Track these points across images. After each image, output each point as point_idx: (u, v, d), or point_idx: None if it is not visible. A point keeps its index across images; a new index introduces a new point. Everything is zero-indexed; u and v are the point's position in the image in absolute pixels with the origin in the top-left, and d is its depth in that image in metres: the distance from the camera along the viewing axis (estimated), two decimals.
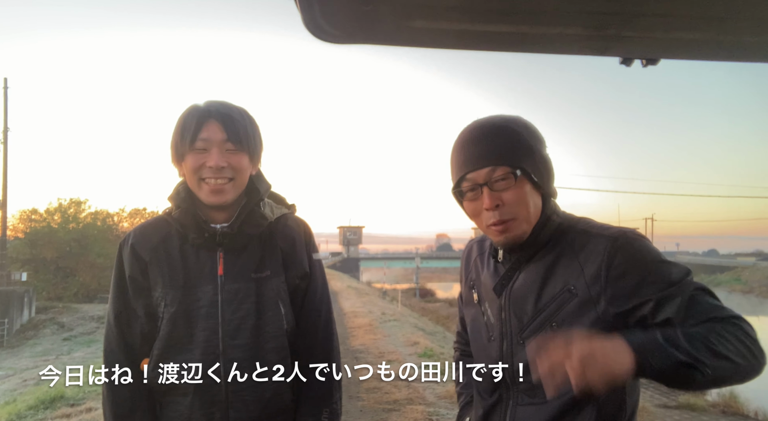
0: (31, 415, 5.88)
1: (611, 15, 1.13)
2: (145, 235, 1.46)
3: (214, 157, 1.37)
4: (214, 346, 1.37)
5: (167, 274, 1.40)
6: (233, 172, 1.40)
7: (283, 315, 1.44)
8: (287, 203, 1.58)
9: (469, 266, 1.40)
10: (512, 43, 1.30)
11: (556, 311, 1.14)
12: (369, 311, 15.83)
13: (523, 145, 1.15)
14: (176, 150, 1.42)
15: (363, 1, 1.06)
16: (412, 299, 33.37)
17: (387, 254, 79.52)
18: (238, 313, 1.39)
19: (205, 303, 1.39)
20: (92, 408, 5.60)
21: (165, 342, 1.38)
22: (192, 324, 1.38)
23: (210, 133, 1.38)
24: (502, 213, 1.15)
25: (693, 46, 1.31)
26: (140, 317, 1.42)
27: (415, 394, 5.84)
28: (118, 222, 30.53)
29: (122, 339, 1.42)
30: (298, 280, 1.49)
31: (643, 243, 1.11)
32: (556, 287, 1.15)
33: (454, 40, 1.30)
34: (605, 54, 1.28)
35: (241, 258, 1.43)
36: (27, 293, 20.42)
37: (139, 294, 1.42)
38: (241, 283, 1.41)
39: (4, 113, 23.53)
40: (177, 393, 1.38)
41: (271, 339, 1.41)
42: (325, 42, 1.15)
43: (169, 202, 1.46)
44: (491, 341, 1.25)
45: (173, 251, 1.42)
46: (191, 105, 1.43)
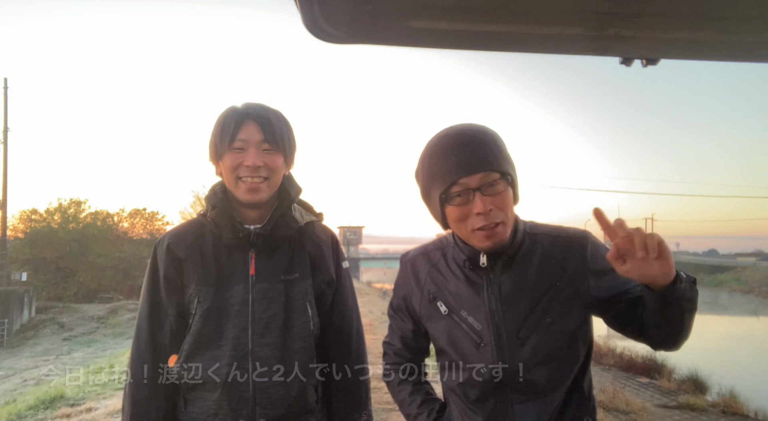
0: (31, 415, 5.87)
1: (611, 15, 1.14)
2: (180, 235, 1.50)
3: (251, 156, 1.42)
4: (243, 343, 1.41)
5: (201, 271, 1.44)
6: (269, 172, 1.45)
7: (310, 317, 1.48)
8: (315, 211, 1.63)
9: (420, 281, 1.37)
10: (512, 43, 1.30)
11: (548, 307, 1.23)
12: (369, 311, 15.84)
13: (504, 152, 1.21)
14: (215, 149, 1.47)
15: (363, 1, 1.06)
16: None
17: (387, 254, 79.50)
18: (268, 312, 1.43)
19: (237, 301, 1.43)
20: (92, 408, 5.59)
21: (196, 338, 1.41)
22: (223, 321, 1.42)
23: (248, 134, 1.43)
24: (492, 217, 1.18)
25: (693, 46, 1.31)
26: (170, 315, 1.46)
27: None
28: (118, 222, 30.56)
29: (152, 338, 1.45)
30: (324, 285, 1.54)
31: (599, 240, 1.29)
32: (543, 286, 1.24)
33: (453, 40, 1.30)
34: (605, 54, 1.28)
35: (271, 259, 1.47)
36: (27, 293, 20.44)
37: (172, 292, 1.46)
38: (271, 283, 1.45)
39: (4, 113, 23.56)
40: (205, 389, 1.40)
41: (298, 339, 1.45)
42: (325, 42, 1.15)
43: (206, 202, 1.51)
44: (482, 347, 1.25)
45: (207, 250, 1.47)
46: (230, 106, 1.48)
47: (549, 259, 1.26)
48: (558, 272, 1.25)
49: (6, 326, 18.31)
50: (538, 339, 1.22)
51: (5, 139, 23.26)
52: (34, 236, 26.60)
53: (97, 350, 16.16)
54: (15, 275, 23.60)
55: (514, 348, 1.22)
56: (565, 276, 1.24)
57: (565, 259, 1.25)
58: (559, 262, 1.25)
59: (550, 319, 1.22)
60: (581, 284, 1.24)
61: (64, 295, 25.06)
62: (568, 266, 1.25)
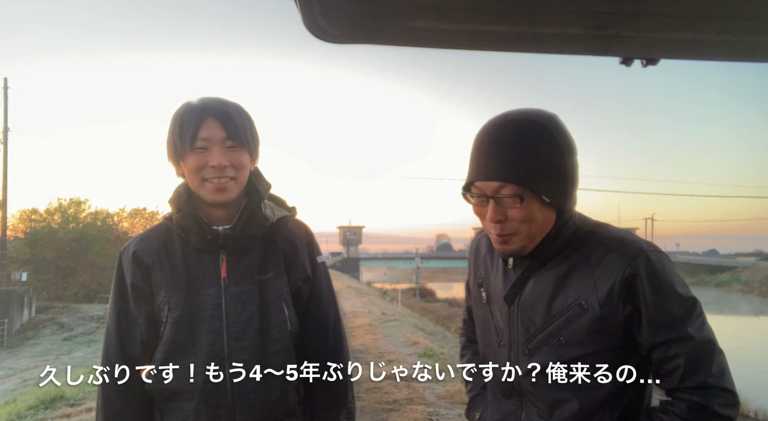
0: (31, 415, 5.88)
1: (611, 15, 1.13)
2: (145, 241, 1.45)
3: (216, 156, 1.36)
4: (219, 349, 1.36)
5: (170, 277, 1.39)
6: (235, 171, 1.39)
7: (287, 317, 1.43)
8: (287, 206, 1.57)
9: (478, 261, 1.36)
10: (512, 43, 1.30)
11: (565, 324, 1.11)
12: (369, 311, 15.83)
13: (539, 160, 1.08)
14: (175, 150, 1.40)
15: (363, 1, 1.06)
16: (412, 299, 33.36)
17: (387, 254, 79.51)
18: (243, 315, 1.39)
19: (209, 306, 1.38)
20: (92, 408, 5.59)
21: (168, 346, 1.37)
22: (196, 327, 1.37)
23: (210, 132, 1.36)
24: (504, 228, 1.12)
25: (693, 46, 1.31)
26: (140, 324, 1.40)
27: (415, 394, 5.84)
28: (118, 222, 30.54)
29: (121, 348, 1.41)
30: (300, 283, 1.48)
31: (661, 268, 1.06)
32: (567, 300, 1.11)
33: (454, 39, 1.30)
34: (605, 54, 1.28)
35: (243, 260, 1.42)
36: (27, 293, 20.42)
37: (140, 301, 1.41)
38: (244, 285, 1.40)
39: (4, 113, 23.56)
40: (181, 398, 1.36)
41: (275, 341, 1.40)
42: (325, 42, 1.15)
43: (170, 205, 1.44)
44: (501, 347, 1.23)
45: (175, 255, 1.41)
46: (185, 103, 1.41)
47: (585, 272, 1.10)
48: (588, 289, 1.09)
49: (6, 326, 18.29)
50: (544, 358, 1.13)
51: (5, 139, 23.28)
52: (34, 236, 26.58)
53: (97, 350, 16.12)
54: (15, 275, 23.56)
55: (521, 358, 1.18)
56: (594, 296, 1.08)
57: (600, 276, 1.08)
58: (594, 279, 1.09)
59: (564, 338, 1.11)
60: (608, 311, 1.07)
61: (64, 295, 25.04)
62: (600, 285, 1.07)
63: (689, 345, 1.04)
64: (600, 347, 1.10)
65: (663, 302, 1.06)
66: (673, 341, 1.05)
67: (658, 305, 1.06)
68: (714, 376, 1.04)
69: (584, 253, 1.12)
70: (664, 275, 1.06)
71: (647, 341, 1.07)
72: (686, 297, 1.07)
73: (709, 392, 1.03)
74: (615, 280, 1.06)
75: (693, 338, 1.05)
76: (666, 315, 1.06)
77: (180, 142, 1.38)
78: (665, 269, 1.07)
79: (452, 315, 23.32)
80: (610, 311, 1.07)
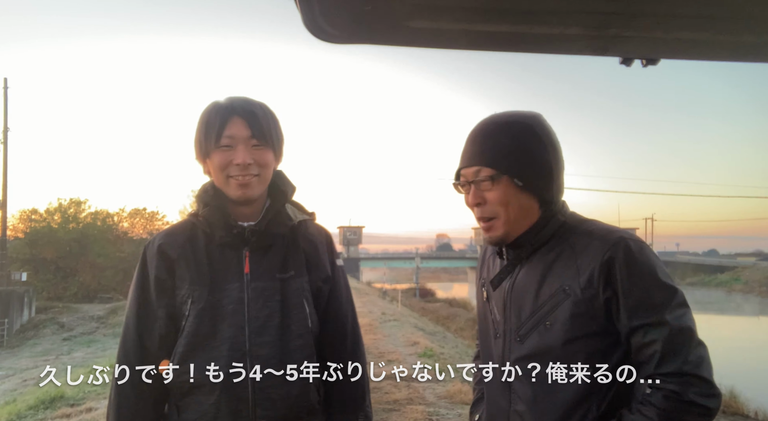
0: (31, 415, 5.87)
1: (611, 15, 1.14)
2: (171, 235, 1.47)
3: (240, 154, 1.39)
4: (240, 343, 1.37)
5: (194, 271, 1.41)
6: (259, 168, 1.42)
7: (308, 314, 1.45)
8: (307, 211, 1.60)
9: (483, 265, 1.42)
10: (512, 43, 1.30)
11: (551, 310, 1.15)
12: (369, 311, 15.84)
13: (517, 148, 1.18)
14: (201, 148, 1.43)
15: (363, 1, 1.06)
16: (412, 299, 33.38)
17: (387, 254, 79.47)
18: (264, 310, 1.40)
19: (232, 300, 1.39)
20: (92, 408, 5.59)
21: (190, 339, 1.37)
22: (218, 321, 1.38)
23: (235, 130, 1.40)
24: (483, 211, 1.22)
25: (693, 46, 1.31)
26: (160, 318, 1.42)
27: (415, 394, 5.84)
28: (118, 222, 30.54)
29: (140, 342, 1.41)
30: (321, 283, 1.51)
31: (640, 254, 1.10)
32: (553, 287, 1.16)
33: (454, 40, 1.30)
34: (605, 54, 1.28)
35: (266, 258, 1.44)
36: (27, 293, 20.43)
37: (163, 294, 1.42)
38: (266, 282, 1.42)
39: (4, 113, 23.54)
40: (202, 392, 1.37)
41: (296, 337, 1.42)
42: (325, 42, 1.15)
43: (197, 201, 1.48)
44: (497, 339, 1.26)
45: (199, 250, 1.43)
46: (212, 102, 1.44)
47: (570, 260, 1.16)
48: (572, 275, 1.14)
49: (6, 326, 18.30)
50: (533, 343, 1.17)
51: (5, 139, 23.26)
52: (34, 236, 26.59)
53: (97, 350, 16.15)
54: (15, 275, 23.56)
55: (512, 346, 1.21)
56: (576, 281, 1.13)
57: (582, 263, 1.13)
58: (577, 265, 1.14)
59: (549, 322, 1.15)
60: (589, 295, 1.11)
61: (64, 295, 25.04)
62: (582, 271, 1.12)
63: (665, 330, 1.05)
64: (583, 332, 1.12)
65: (640, 286, 1.08)
66: (649, 325, 1.06)
67: (636, 289, 1.08)
68: (690, 363, 1.04)
69: (570, 242, 1.18)
70: (642, 261, 1.09)
71: (625, 326, 1.09)
72: (666, 284, 1.09)
73: (684, 380, 1.03)
74: (595, 265, 1.11)
75: (669, 324, 1.05)
76: (643, 300, 1.08)
77: (206, 140, 1.41)
78: (645, 255, 1.10)
79: (452, 315, 23.33)
80: (591, 295, 1.11)
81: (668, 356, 1.05)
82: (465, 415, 5.27)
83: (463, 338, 15.74)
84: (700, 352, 1.06)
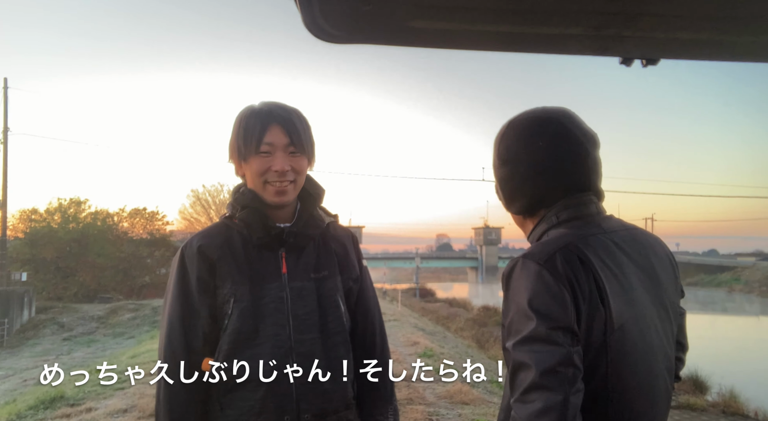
0: (31, 415, 5.87)
1: (611, 15, 1.13)
2: (208, 237, 1.50)
3: (279, 161, 1.45)
4: (283, 340, 1.42)
5: (235, 271, 1.45)
6: (295, 175, 1.48)
7: (343, 312, 1.51)
8: (330, 213, 1.65)
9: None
10: (512, 43, 1.30)
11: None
12: None
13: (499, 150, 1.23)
14: (239, 152, 1.48)
15: (363, 1, 1.06)
16: (412, 299, 33.36)
17: (387, 254, 79.44)
18: (304, 309, 1.45)
19: (272, 299, 1.44)
20: (92, 408, 5.59)
21: (234, 337, 1.41)
22: (260, 319, 1.42)
23: (274, 138, 1.45)
24: None
25: (693, 46, 1.31)
26: (203, 317, 1.44)
27: (415, 394, 5.84)
28: (118, 222, 30.51)
29: (185, 340, 1.43)
30: (351, 282, 1.57)
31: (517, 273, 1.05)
32: None
33: (454, 40, 1.30)
34: (605, 54, 1.28)
35: (301, 258, 1.50)
36: (27, 293, 20.43)
37: (204, 294, 1.45)
38: (303, 281, 1.48)
39: (4, 113, 23.54)
40: (247, 388, 1.40)
41: (334, 334, 1.48)
42: (325, 42, 1.15)
43: (234, 203, 1.51)
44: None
45: (238, 251, 1.47)
46: (249, 107, 1.50)
47: None
48: None
49: (6, 326, 18.29)
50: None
51: (5, 139, 23.24)
52: (34, 236, 26.57)
53: (97, 350, 16.16)
54: (15, 275, 23.57)
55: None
56: None
57: None
58: None
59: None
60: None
61: (64, 295, 25.03)
62: None
63: (509, 358, 1.01)
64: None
65: (506, 307, 1.06)
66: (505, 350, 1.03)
67: (504, 310, 1.07)
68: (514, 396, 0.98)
69: None
70: (514, 282, 1.05)
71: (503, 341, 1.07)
72: (523, 311, 1.00)
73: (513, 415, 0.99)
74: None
75: (510, 352, 1.01)
76: (507, 320, 1.04)
77: (245, 146, 1.46)
78: (521, 276, 1.03)
79: (452, 315, 23.34)
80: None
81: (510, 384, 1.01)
82: (465, 415, 5.27)
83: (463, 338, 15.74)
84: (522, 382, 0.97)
